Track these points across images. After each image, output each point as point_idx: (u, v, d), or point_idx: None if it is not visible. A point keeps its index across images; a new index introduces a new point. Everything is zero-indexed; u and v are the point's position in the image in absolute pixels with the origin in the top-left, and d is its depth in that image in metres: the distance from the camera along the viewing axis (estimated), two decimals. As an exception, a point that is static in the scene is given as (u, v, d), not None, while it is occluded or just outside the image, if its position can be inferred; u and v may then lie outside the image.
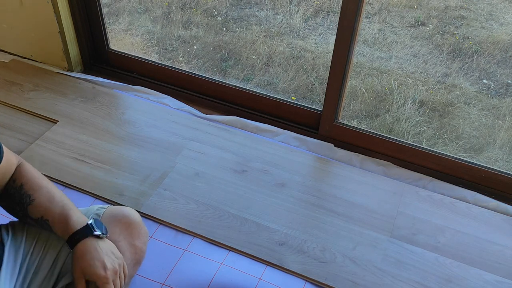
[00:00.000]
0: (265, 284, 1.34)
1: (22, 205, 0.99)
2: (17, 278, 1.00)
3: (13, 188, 0.99)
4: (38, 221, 0.99)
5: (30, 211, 0.98)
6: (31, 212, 0.98)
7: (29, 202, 0.98)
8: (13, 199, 0.99)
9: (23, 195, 0.98)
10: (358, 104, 2.68)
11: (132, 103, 1.94)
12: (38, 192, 0.99)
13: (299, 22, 3.28)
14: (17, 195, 0.99)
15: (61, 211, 0.98)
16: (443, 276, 1.40)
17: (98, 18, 2.00)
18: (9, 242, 1.02)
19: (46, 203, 0.98)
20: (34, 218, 0.99)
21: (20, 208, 0.99)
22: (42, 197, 0.99)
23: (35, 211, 0.98)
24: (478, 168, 1.67)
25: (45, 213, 0.98)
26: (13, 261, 1.00)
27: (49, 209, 0.98)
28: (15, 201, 0.99)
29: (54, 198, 0.99)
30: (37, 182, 1.01)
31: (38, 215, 0.98)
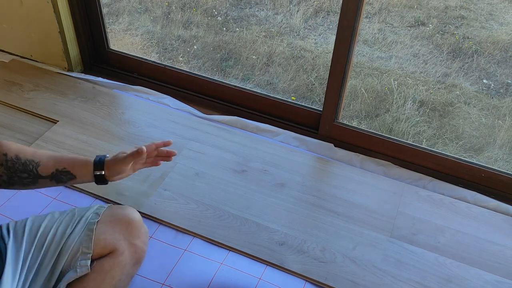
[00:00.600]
0: (265, 284, 1.34)
1: (31, 171, 1.04)
2: (18, 279, 1.00)
3: (8, 161, 1.03)
4: (53, 175, 1.05)
5: (41, 171, 1.04)
6: (43, 171, 1.04)
7: (36, 165, 1.04)
8: (15, 170, 1.03)
9: (25, 162, 1.04)
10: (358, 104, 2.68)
11: (132, 103, 1.94)
12: (38, 154, 1.06)
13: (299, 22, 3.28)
14: (18, 165, 1.03)
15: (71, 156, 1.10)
16: (443, 276, 1.40)
17: (98, 18, 2.00)
18: (11, 241, 1.03)
19: (53, 157, 1.07)
20: (46, 176, 1.05)
21: (29, 174, 1.04)
22: (45, 156, 1.07)
23: (47, 169, 1.05)
24: (478, 168, 1.67)
25: (58, 165, 1.05)
26: (15, 261, 1.01)
27: (60, 160, 1.07)
28: (19, 171, 1.03)
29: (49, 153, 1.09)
30: (29, 149, 1.07)
31: (52, 170, 1.05)
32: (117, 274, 1.10)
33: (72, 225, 1.08)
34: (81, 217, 1.11)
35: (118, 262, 1.10)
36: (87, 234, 1.08)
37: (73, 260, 1.05)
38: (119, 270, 1.10)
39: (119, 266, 1.10)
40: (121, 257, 1.10)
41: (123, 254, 1.10)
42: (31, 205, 1.50)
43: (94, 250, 1.07)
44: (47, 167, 1.05)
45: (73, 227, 1.08)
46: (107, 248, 1.09)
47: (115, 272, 1.09)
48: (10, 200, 1.51)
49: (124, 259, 1.10)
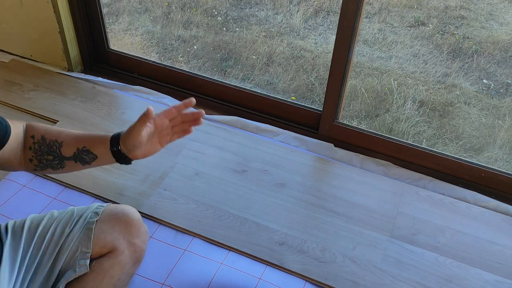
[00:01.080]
0: (265, 284, 1.34)
1: (55, 152, 1.02)
2: (16, 278, 1.00)
3: (36, 143, 1.02)
4: (75, 155, 1.03)
5: (64, 152, 1.02)
6: (66, 152, 1.02)
7: (59, 145, 1.02)
8: (41, 153, 1.02)
9: (50, 144, 1.02)
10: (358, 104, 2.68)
11: (132, 103, 1.94)
12: (62, 135, 1.03)
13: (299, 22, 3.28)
14: (44, 147, 1.02)
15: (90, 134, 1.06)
16: (443, 276, 1.40)
17: (98, 18, 2.00)
18: (8, 241, 1.02)
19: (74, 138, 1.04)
20: (69, 156, 1.03)
21: (54, 156, 1.02)
22: (68, 136, 1.04)
23: (69, 149, 1.02)
24: (478, 168, 1.67)
25: (78, 145, 1.03)
26: (12, 261, 1.00)
27: (80, 139, 1.04)
28: (45, 152, 1.02)
29: (76, 132, 1.06)
30: (54, 129, 1.05)
31: (74, 150, 1.02)
32: (116, 274, 1.10)
33: (71, 225, 1.08)
34: (80, 216, 1.11)
35: (117, 261, 1.09)
36: (86, 233, 1.07)
37: (72, 259, 1.05)
38: (119, 269, 1.10)
39: (118, 265, 1.10)
40: (121, 257, 1.09)
41: (122, 253, 1.10)
42: (31, 205, 1.50)
43: (93, 250, 1.07)
44: (69, 147, 1.02)
45: (72, 227, 1.08)
46: (106, 247, 1.09)
47: (114, 271, 1.09)
48: (10, 200, 1.51)
49: (123, 258, 1.10)
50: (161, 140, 1.05)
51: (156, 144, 1.05)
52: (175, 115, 1.06)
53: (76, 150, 1.02)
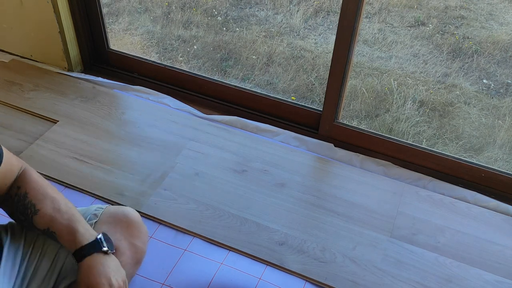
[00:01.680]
0: (265, 284, 1.34)
1: (27, 215, 0.96)
2: (16, 279, 1.00)
3: (17, 195, 0.96)
4: (45, 231, 0.96)
5: (35, 222, 0.95)
6: (37, 223, 0.95)
7: (34, 212, 0.95)
8: (17, 207, 0.96)
9: (27, 204, 0.95)
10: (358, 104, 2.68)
11: (132, 103, 1.94)
12: (43, 202, 0.95)
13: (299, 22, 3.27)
14: (21, 205, 0.96)
15: (68, 223, 0.95)
16: (443, 276, 1.40)
17: (98, 18, 2.00)
18: (8, 242, 1.02)
19: (52, 214, 0.95)
20: (40, 229, 0.96)
21: (25, 218, 0.97)
22: (48, 208, 0.95)
23: (41, 222, 0.95)
24: (478, 168, 1.67)
25: (51, 224, 0.94)
26: (11, 262, 1.00)
27: (55, 221, 0.94)
28: (19, 210, 0.96)
29: (60, 208, 0.96)
30: (42, 191, 0.97)
31: (44, 226, 0.95)
32: None
33: None
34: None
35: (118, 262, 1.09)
36: None
37: (72, 261, 1.05)
38: None
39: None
40: (122, 258, 1.09)
41: (123, 254, 1.10)
42: (31, 205, 1.49)
43: None
44: (42, 220, 0.94)
45: None
46: None
47: None
48: (10, 200, 1.51)
49: (124, 259, 1.10)
50: None
51: None
52: None
53: (46, 228, 0.95)
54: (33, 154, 1.68)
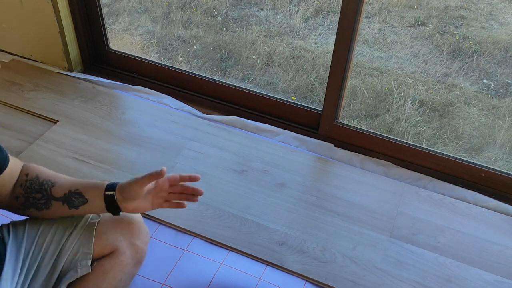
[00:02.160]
0: (265, 284, 1.34)
1: (44, 190, 1.03)
2: (19, 277, 1.00)
3: (29, 180, 1.03)
4: (65, 196, 1.03)
5: (54, 192, 1.03)
6: (57, 192, 1.03)
7: (51, 185, 1.03)
8: (32, 189, 1.02)
9: (42, 182, 1.03)
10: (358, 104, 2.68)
11: (132, 103, 1.94)
12: (56, 177, 1.05)
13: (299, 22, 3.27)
14: (35, 185, 1.03)
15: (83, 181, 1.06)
16: (443, 276, 1.40)
17: (98, 18, 2.00)
18: (11, 241, 1.02)
19: (68, 181, 1.05)
20: (58, 197, 1.03)
21: (43, 194, 1.03)
22: (62, 179, 1.05)
23: (59, 190, 1.03)
24: (478, 168, 1.67)
25: (71, 187, 1.03)
26: (14, 260, 1.01)
27: (74, 183, 1.04)
28: (35, 190, 1.03)
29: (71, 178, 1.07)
30: (49, 171, 1.06)
31: (65, 191, 1.03)
32: (117, 274, 1.10)
33: (72, 225, 1.08)
34: (82, 217, 1.11)
35: (118, 262, 1.09)
36: (88, 234, 1.07)
37: (73, 260, 1.05)
38: (120, 270, 1.10)
39: (119, 266, 1.10)
40: (122, 257, 1.10)
41: (124, 254, 1.10)
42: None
43: (94, 250, 1.07)
44: (61, 188, 1.03)
45: (73, 227, 1.08)
46: (108, 248, 1.09)
47: (115, 272, 1.09)
48: (10, 200, 1.51)
49: (125, 259, 1.10)
50: (154, 201, 1.08)
51: (148, 203, 1.07)
52: (177, 183, 1.08)
53: (67, 192, 1.03)
54: (33, 154, 1.68)
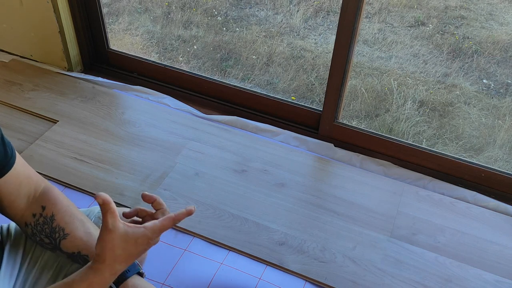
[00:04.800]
0: (265, 284, 1.34)
1: (54, 239, 0.88)
2: (16, 280, 0.99)
3: (43, 217, 0.88)
4: (73, 255, 0.89)
5: (63, 245, 0.88)
6: (66, 247, 0.88)
7: (63, 236, 0.87)
8: (42, 230, 0.89)
9: (55, 227, 0.88)
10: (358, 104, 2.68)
11: (132, 103, 1.94)
12: (73, 225, 0.88)
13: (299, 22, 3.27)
14: (47, 227, 0.88)
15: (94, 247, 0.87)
16: (443, 276, 1.40)
17: (98, 18, 2.00)
18: (9, 245, 1.02)
19: (84, 237, 0.88)
20: (67, 252, 0.88)
21: (51, 241, 0.89)
22: (78, 231, 0.88)
23: (71, 246, 0.88)
24: (478, 168, 1.67)
25: (82, 248, 0.87)
26: (12, 263, 1.00)
27: (88, 244, 0.87)
28: (45, 233, 0.89)
29: (91, 232, 0.89)
30: (70, 212, 0.90)
31: (74, 250, 0.88)
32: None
33: None
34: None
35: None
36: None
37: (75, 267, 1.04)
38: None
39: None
40: None
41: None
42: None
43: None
44: (71, 244, 0.87)
45: None
46: None
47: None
48: (10, 200, 1.51)
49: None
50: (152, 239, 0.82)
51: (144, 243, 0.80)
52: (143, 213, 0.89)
53: (76, 252, 0.87)
54: (33, 154, 1.68)
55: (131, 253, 0.76)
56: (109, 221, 0.73)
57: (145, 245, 0.77)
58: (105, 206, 0.73)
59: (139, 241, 0.76)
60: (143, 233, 0.76)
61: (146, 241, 0.77)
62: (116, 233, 0.74)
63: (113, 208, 0.73)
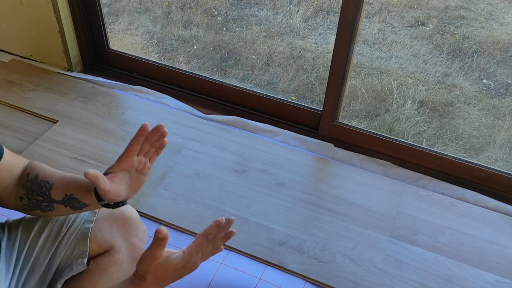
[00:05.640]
0: (265, 284, 1.34)
1: (44, 193, 0.99)
2: (12, 276, 1.00)
3: (30, 180, 0.99)
4: (64, 200, 0.99)
5: (53, 195, 0.99)
6: (55, 195, 0.99)
7: (49, 187, 0.99)
8: (33, 191, 0.99)
9: (41, 183, 0.99)
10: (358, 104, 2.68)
11: (132, 103, 1.94)
12: (54, 176, 1.00)
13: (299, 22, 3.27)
14: (35, 186, 0.99)
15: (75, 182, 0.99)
16: (443, 276, 1.40)
17: (98, 18, 2.00)
18: (5, 240, 1.02)
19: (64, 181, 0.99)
20: (59, 200, 0.99)
21: (43, 196, 0.99)
22: (58, 179, 1.00)
23: (58, 193, 0.98)
24: (478, 168, 1.67)
25: (67, 189, 0.98)
26: (8, 259, 1.00)
27: (68, 185, 0.98)
28: (36, 192, 0.99)
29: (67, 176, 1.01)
30: (47, 168, 1.03)
31: (63, 194, 0.98)
32: (113, 273, 1.09)
33: (68, 223, 1.08)
34: (77, 215, 1.11)
35: (114, 260, 1.09)
36: (84, 232, 1.07)
37: (69, 258, 1.05)
38: (116, 268, 1.09)
39: (115, 264, 1.09)
40: (118, 255, 1.09)
41: (119, 252, 1.09)
42: (31, 205, 1.50)
43: (91, 249, 1.06)
44: (58, 190, 0.98)
45: (68, 225, 1.07)
46: (104, 246, 1.08)
47: (111, 270, 1.08)
48: (10, 200, 1.51)
49: (120, 257, 1.09)
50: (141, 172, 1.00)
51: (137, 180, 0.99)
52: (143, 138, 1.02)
53: (64, 196, 0.98)
54: (33, 154, 1.68)
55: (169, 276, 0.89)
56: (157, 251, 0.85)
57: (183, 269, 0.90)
58: (161, 241, 0.84)
59: (178, 266, 0.88)
60: (182, 258, 0.89)
61: (184, 265, 0.89)
62: (158, 260, 0.86)
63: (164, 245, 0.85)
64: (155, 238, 0.84)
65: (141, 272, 0.87)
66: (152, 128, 1.01)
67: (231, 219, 0.94)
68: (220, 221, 0.93)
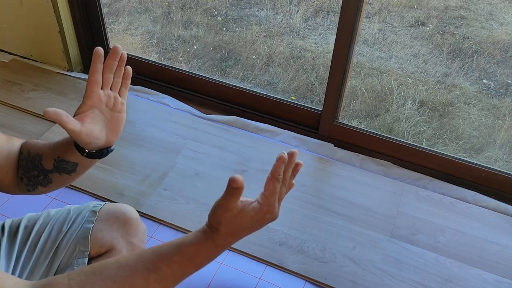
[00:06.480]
0: (265, 284, 1.34)
1: (37, 166, 0.97)
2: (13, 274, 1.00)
3: (24, 159, 0.98)
4: (55, 167, 0.97)
5: (45, 165, 0.97)
6: (46, 165, 0.97)
7: (40, 158, 0.97)
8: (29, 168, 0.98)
9: (33, 157, 0.98)
10: (358, 104, 2.68)
11: (132, 103, 1.94)
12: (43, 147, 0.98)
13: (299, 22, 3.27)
14: (28, 162, 0.98)
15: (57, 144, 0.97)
16: (443, 276, 1.40)
17: (98, 18, 2.00)
18: (5, 240, 1.02)
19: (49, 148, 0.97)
20: (51, 169, 0.97)
21: (38, 170, 0.97)
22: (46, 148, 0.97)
23: (48, 161, 0.96)
24: (478, 168, 1.67)
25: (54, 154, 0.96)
26: (8, 259, 1.00)
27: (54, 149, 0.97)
28: (30, 167, 0.98)
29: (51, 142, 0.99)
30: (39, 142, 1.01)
31: (52, 162, 0.96)
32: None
33: (68, 223, 1.08)
34: (78, 215, 1.10)
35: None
36: (84, 232, 1.07)
37: (70, 258, 1.05)
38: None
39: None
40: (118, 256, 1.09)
41: (120, 252, 1.09)
42: (31, 205, 1.50)
43: (91, 249, 1.07)
44: (47, 159, 0.95)
45: (69, 225, 1.08)
46: (104, 246, 1.08)
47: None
48: (10, 200, 1.51)
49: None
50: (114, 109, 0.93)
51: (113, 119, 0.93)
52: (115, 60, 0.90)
53: (54, 162, 0.96)
54: (33, 154, 1.68)
55: (246, 228, 0.80)
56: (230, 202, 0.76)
57: (262, 220, 0.80)
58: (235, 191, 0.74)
59: (255, 218, 0.79)
60: (259, 209, 0.79)
61: (262, 216, 0.80)
62: (233, 212, 0.77)
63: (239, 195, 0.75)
64: (229, 187, 0.74)
65: (213, 224, 0.79)
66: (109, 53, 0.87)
67: (294, 151, 0.81)
68: (283, 156, 0.80)
